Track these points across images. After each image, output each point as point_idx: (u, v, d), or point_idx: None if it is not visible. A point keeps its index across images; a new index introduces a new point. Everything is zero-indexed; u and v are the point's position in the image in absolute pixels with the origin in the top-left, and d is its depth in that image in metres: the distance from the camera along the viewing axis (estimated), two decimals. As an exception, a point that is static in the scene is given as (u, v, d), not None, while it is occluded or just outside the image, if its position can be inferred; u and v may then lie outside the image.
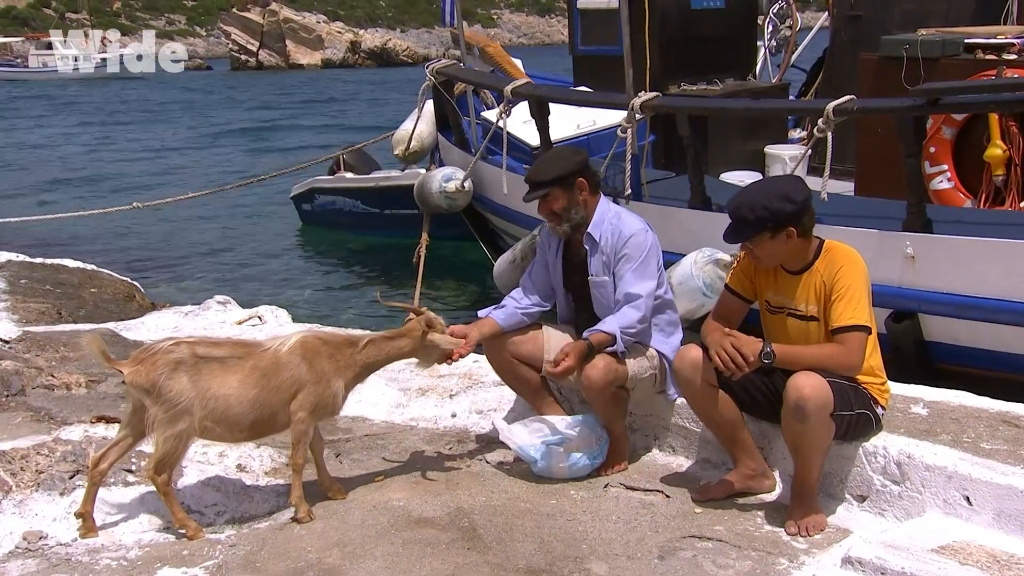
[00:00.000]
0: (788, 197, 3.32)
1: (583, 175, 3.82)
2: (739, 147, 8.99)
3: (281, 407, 3.42)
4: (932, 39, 7.21)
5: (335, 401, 3.50)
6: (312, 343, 3.48)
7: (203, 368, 3.31)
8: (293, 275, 12.18)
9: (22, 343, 5.21)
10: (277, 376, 3.39)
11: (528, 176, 3.89)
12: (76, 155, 23.68)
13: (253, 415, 3.38)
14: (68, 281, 7.21)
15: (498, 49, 10.15)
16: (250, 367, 3.38)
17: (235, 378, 3.35)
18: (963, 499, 3.18)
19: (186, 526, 3.37)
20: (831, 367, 3.28)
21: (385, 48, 61.70)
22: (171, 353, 3.27)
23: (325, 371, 3.45)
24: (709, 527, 3.40)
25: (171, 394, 3.23)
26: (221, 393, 3.32)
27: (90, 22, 67.03)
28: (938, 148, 6.95)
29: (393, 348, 3.59)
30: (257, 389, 3.36)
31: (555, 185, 3.79)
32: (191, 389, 3.26)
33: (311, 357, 3.44)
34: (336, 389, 3.48)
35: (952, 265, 5.66)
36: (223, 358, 3.36)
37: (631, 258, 3.77)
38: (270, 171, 14.88)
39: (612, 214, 3.86)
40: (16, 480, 3.50)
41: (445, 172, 9.06)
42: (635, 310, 3.73)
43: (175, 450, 3.28)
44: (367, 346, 3.54)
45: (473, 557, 3.22)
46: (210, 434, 3.40)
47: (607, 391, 3.73)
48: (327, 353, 3.48)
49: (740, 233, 3.38)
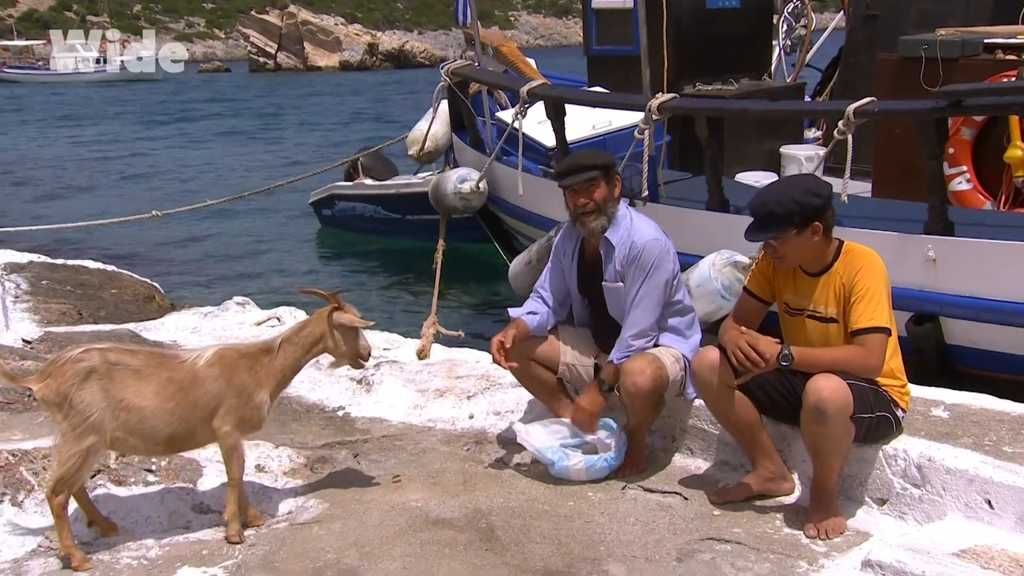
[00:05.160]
0: (814, 191, 3.34)
1: (617, 173, 3.86)
2: (754, 147, 8.94)
3: (199, 423, 3.29)
4: (952, 39, 7.15)
5: (259, 414, 3.38)
6: (229, 356, 3.35)
7: (116, 376, 3.15)
8: (312, 277, 12.22)
9: (44, 343, 5.25)
10: (195, 390, 3.26)
11: (572, 160, 3.87)
12: (90, 159, 23.85)
13: (169, 429, 3.24)
14: (89, 282, 7.25)
15: (513, 49, 10.11)
16: (166, 378, 3.23)
17: (150, 389, 3.20)
18: (985, 502, 3.15)
19: (72, 555, 3.16)
20: (850, 369, 3.26)
21: (402, 50, 61.90)
22: (81, 362, 3.11)
23: (246, 384, 3.33)
24: (728, 529, 3.39)
25: (81, 406, 3.07)
26: (135, 403, 3.16)
27: (110, 25, 67.61)
28: (957, 149, 6.89)
29: (306, 337, 3.45)
30: (174, 402, 3.23)
31: (602, 171, 3.77)
32: (102, 400, 3.10)
33: (228, 372, 3.31)
34: (259, 401, 3.36)
35: (973, 268, 5.61)
36: (137, 367, 3.20)
37: (642, 268, 3.75)
38: (288, 174, 14.96)
39: (626, 219, 3.85)
40: (38, 480, 3.53)
41: (460, 173, 9.05)
42: (638, 339, 3.76)
43: (78, 469, 3.11)
44: (283, 346, 3.42)
45: (491, 558, 3.23)
46: (123, 445, 3.27)
47: (651, 397, 3.74)
48: (245, 366, 3.35)
49: (767, 229, 3.33)
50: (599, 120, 8.48)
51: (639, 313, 3.77)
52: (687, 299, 3.98)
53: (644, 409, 3.78)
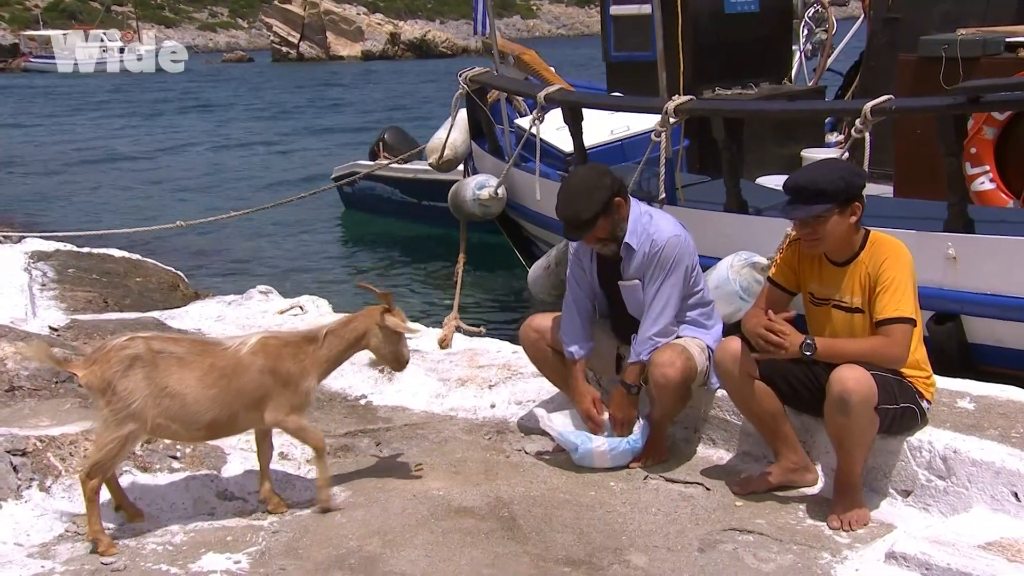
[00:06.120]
0: (856, 172, 3.42)
1: (618, 194, 3.74)
2: (775, 151, 8.91)
3: (242, 410, 3.33)
4: (972, 38, 7.07)
5: (308, 399, 3.44)
6: (273, 344, 3.38)
7: (160, 363, 3.19)
8: (334, 265, 12.28)
9: (70, 331, 5.30)
10: (239, 378, 3.30)
11: (567, 217, 3.75)
12: (116, 149, 24.05)
13: (211, 414, 3.28)
14: (114, 270, 7.31)
15: (534, 56, 10.12)
16: (209, 365, 3.27)
17: (193, 375, 3.24)
18: (1011, 495, 3.13)
19: (99, 540, 3.19)
20: (874, 360, 3.24)
21: (424, 40, 61.82)
22: (126, 349, 3.16)
23: (291, 372, 3.37)
24: (750, 520, 3.38)
25: (124, 393, 3.12)
26: (178, 391, 3.21)
27: (135, 15, 68.01)
28: (980, 149, 6.82)
29: (351, 331, 3.50)
30: (216, 388, 3.26)
31: (601, 214, 3.70)
32: (145, 387, 3.15)
33: (273, 360, 3.34)
34: (307, 387, 3.41)
35: (995, 266, 5.55)
36: (181, 355, 3.25)
37: (663, 267, 3.73)
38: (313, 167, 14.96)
39: (645, 217, 3.80)
40: (65, 465, 3.57)
41: (479, 180, 9.05)
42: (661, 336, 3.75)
43: (115, 455, 3.17)
44: (328, 337, 3.46)
45: (512, 547, 3.23)
46: (165, 431, 3.30)
47: (680, 389, 3.74)
48: (289, 354, 3.38)
49: (817, 202, 3.28)
50: (617, 125, 8.46)
51: (660, 310, 3.75)
52: (707, 290, 3.97)
53: (673, 400, 3.77)
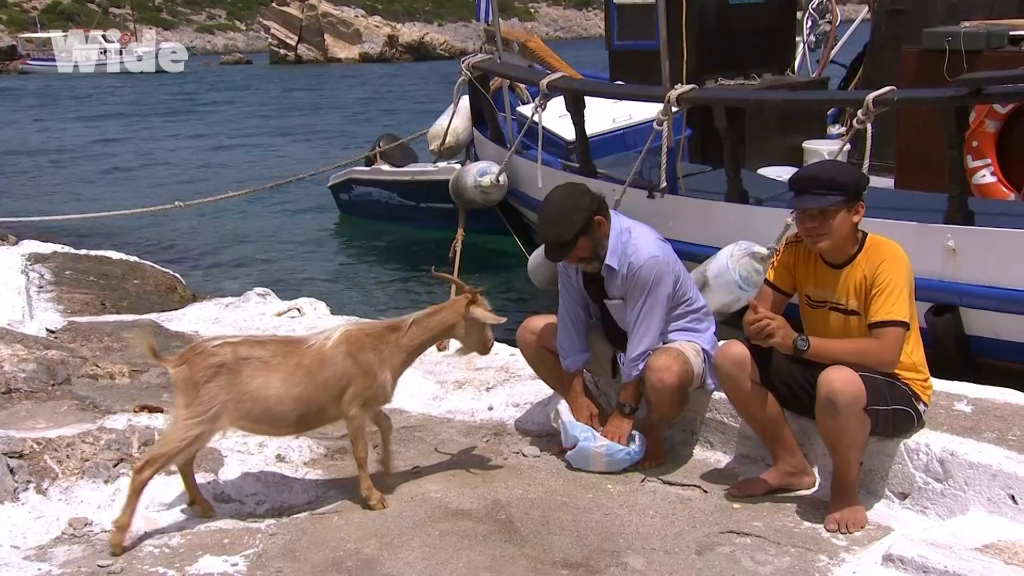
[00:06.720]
0: (861, 171, 3.49)
1: (597, 212, 3.70)
2: (777, 142, 8.91)
3: (329, 402, 3.41)
4: (976, 31, 7.08)
5: (384, 391, 3.50)
6: (356, 335, 3.47)
7: (244, 369, 3.28)
8: (331, 267, 12.27)
9: (67, 333, 5.29)
10: (323, 372, 3.38)
11: (547, 239, 3.74)
12: (110, 149, 24.03)
13: (297, 412, 3.37)
14: (111, 272, 7.31)
15: (539, 43, 10.14)
16: (294, 364, 3.35)
17: (278, 377, 3.32)
18: (1008, 498, 3.13)
19: (117, 536, 3.23)
20: (865, 361, 3.24)
21: (422, 42, 61.76)
22: (214, 356, 3.25)
23: (371, 363, 3.44)
24: (747, 523, 3.38)
25: (206, 397, 3.22)
26: (261, 395, 3.30)
27: (133, 17, 67.93)
28: (981, 142, 6.84)
29: (436, 323, 3.56)
30: (301, 387, 3.35)
31: (581, 235, 3.67)
32: (226, 395, 3.24)
33: (356, 351, 3.42)
34: (384, 379, 3.47)
35: (994, 258, 5.56)
36: (267, 359, 3.34)
37: (642, 288, 3.72)
38: (309, 166, 14.99)
39: (625, 235, 3.76)
40: (62, 467, 3.56)
41: (480, 166, 9.06)
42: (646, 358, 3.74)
43: (177, 453, 3.25)
44: (411, 327, 3.52)
45: (510, 550, 3.23)
46: (253, 431, 3.45)
47: (678, 394, 3.74)
48: (371, 344, 3.46)
49: (830, 192, 3.27)
50: (619, 114, 8.47)
51: (643, 331, 3.76)
52: (696, 295, 3.94)
53: (670, 404, 3.77)
